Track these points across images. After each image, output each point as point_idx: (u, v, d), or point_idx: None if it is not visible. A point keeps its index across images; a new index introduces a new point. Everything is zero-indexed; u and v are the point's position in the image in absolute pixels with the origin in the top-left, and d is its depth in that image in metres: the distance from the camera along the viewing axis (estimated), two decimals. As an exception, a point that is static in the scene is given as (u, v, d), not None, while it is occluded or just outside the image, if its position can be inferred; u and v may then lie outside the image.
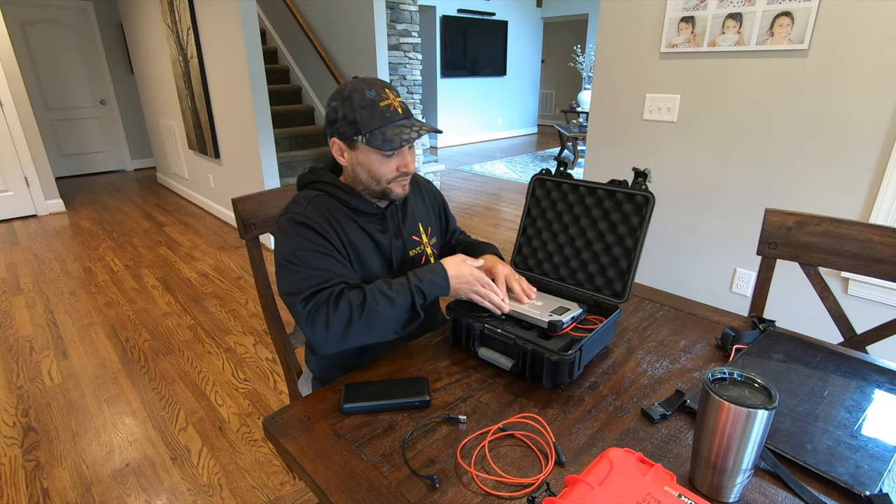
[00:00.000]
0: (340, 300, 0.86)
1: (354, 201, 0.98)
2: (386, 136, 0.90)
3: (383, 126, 0.91)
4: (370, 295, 0.87)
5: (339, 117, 0.92)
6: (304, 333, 0.87)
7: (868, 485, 0.61)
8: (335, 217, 0.96)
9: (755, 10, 1.63)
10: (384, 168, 0.95)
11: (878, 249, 1.03)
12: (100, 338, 2.42)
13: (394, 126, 0.91)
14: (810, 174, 1.67)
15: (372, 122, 0.90)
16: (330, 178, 0.99)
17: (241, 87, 3.26)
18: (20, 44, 5.17)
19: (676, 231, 2.05)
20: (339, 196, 0.98)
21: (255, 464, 1.63)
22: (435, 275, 0.92)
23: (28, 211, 4.38)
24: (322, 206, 0.95)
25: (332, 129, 0.94)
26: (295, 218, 0.92)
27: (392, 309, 0.87)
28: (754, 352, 0.91)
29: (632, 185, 1.01)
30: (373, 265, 1.01)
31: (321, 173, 1.01)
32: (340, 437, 0.73)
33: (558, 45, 9.81)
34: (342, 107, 0.91)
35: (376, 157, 0.93)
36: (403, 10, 4.28)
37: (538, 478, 0.65)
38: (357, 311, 0.85)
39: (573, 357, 0.81)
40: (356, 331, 0.85)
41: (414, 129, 0.92)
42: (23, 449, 1.71)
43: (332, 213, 0.96)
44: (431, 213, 1.18)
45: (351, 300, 0.86)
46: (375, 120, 0.90)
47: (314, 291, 0.86)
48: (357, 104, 0.90)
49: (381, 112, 0.91)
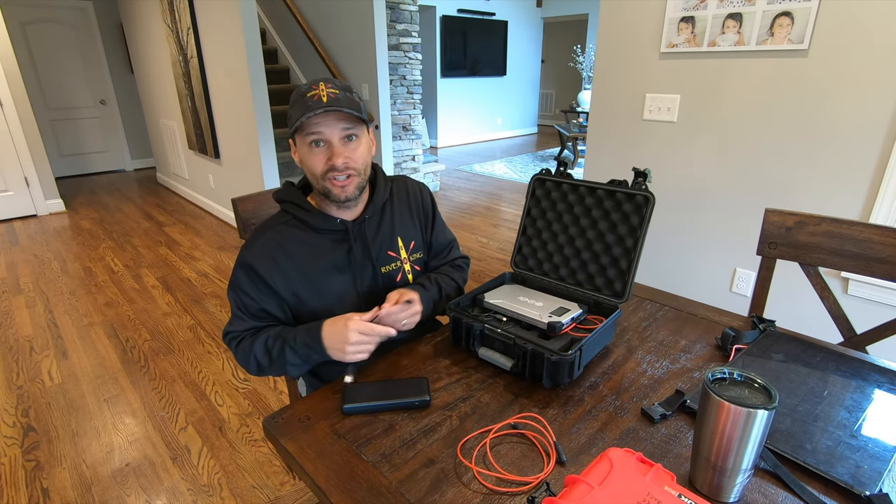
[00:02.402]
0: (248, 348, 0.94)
1: (315, 221, 0.97)
2: (295, 115, 0.89)
3: (302, 115, 0.88)
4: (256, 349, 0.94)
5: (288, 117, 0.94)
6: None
7: (868, 485, 0.61)
8: (286, 251, 0.96)
9: (755, 10, 1.63)
10: (314, 161, 0.92)
11: (878, 249, 1.03)
12: (100, 338, 2.42)
13: (311, 113, 0.88)
14: (810, 174, 1.67)
15: (295, 113, 0.89)
16: (295, 198, 0.98)
17: (241, 87, 3.26)
18: (20, 44, 5.17)
19: (676, 231, 2.05)
20: (303, 217, 0.97)
21: (255, 464, 1.63)
22: (309, 333, 0.90)
23: (28, 211, 4.38)
24: (273, 241, 0.96)
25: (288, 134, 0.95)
26: (240, 259, 0.96)
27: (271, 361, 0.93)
28: (754, 352, 0.91)
29: (632, 185, 1.01)
30: (335, 287, 0.99)
31: (291, 191, 1.00)
32: (340, 437, 0.73)
33: (558, 45, 9.81)
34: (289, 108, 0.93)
35: (306, 149, 0.92)
36: (403, 10, 4.28)
37: (538, 477, 0.65)
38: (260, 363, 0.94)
39: (573, 357, 0.81)
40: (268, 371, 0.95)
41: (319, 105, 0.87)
42: (23, 449, 1.71)
43: (283, 246, 0.96)
44: (418, 224, 1.11)
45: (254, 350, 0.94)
46: (298, 110, 0.89)
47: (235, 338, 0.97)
48: (292, 100, 0.92)
49: (305, 102, 0.89)
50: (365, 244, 1.01)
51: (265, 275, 0.95)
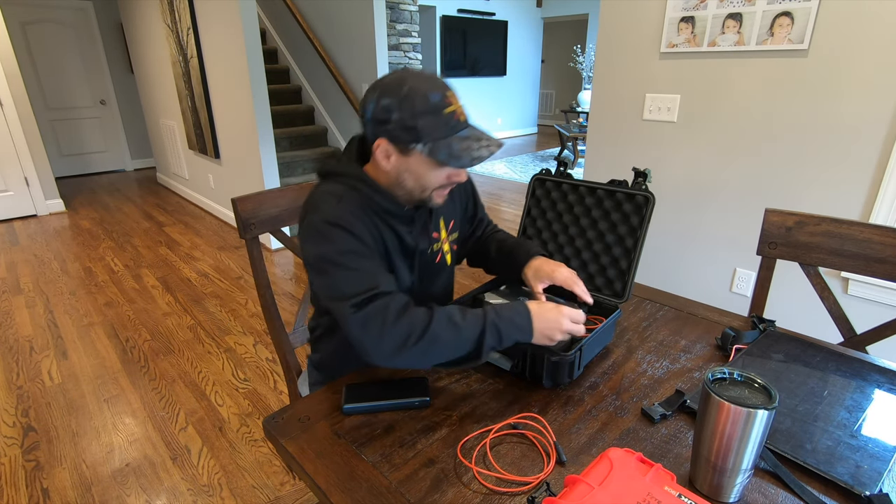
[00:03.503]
0: (402, 316, 0.78)
1: (383, 201, 0.89)
2: (452, 151, 0.80)
3: (449, 138, 0.81)
4: (437, 320, 0.78)
5: (392, 119, 0.80)
6: (353, 339, 0.79)
7: (868, 485, 0.61)
8: (368, 216, 0.87)
9: (755, 10, 1.63)
10: (436, 178, 0.86)
11: (878, 249, 1.03)
12: (100, 338, 2.42)
13: (460, 139, 0.81)
14: (810, 174, 1.67)
15: (436, 131, 0.80)
16: (358, 173, 0.89)
17: (241, 87, 3.26)
18: (20, 44, 5.17)
19: (676, 231, 2.05)
20: (368, 195, 0.88)
21: (255, 464, 1.63)
22: (515, 312, 0.82)
23: (28, 211, 4.38)
24: (353, 204, 0.86)
25: (381, 130, 0.83)
26: (329, 219, 0.83)
27: (456, 338, 0.79)
28: (754, 352, 0.91)
29: (632, 185, 1.01)
30: (397, 266, 0.93)
31: (346, 166, 0.91)
32: (340, 437, 0.73)
33: (558, 45, 9.81)
34: (398, 109, 0.79)
35: (431, 166, 0.84)
36: (403, 10, 4.29)
37: (538, 477, 0.65)
38: (417, 335, 0.77)
39: (573, 357, 0.81)
40: (410, 354, 0.77)
41: (483, 145, 0.81)
42: (23, 449, 1.71)
43: (364, 212, 0.87)
44: (458, 204, 1.08)
45: (414, 320, 0.78)
46: (440, 130, 0.80)
47: (367, 298, 0.78)
48: (419, 109, 0.79)
49: (446, 121, 0.80)
50: (425, 226, 0.97)
51: (363, 236, 0.84)
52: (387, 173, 0.88)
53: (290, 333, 1.22)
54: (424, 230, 0.96)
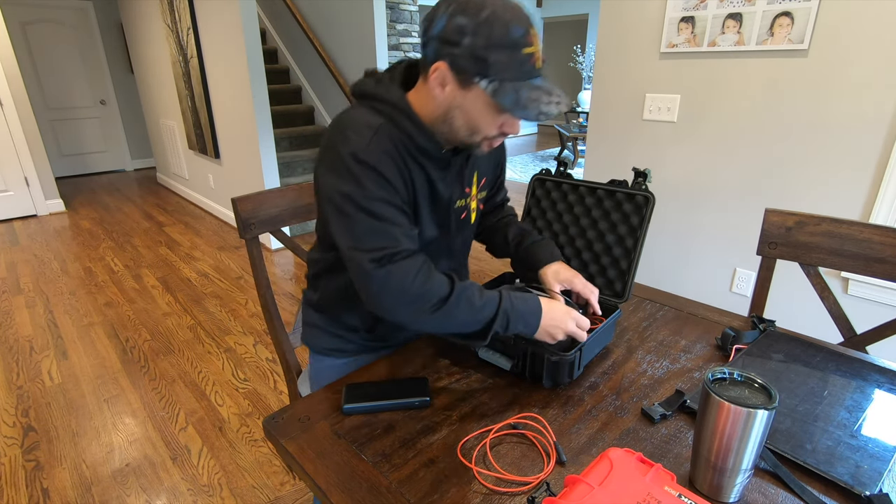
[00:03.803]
0: (424, 283, 0.74)
1: (422, 139, 0.79)
2: (520, 98, 0.71)
3: (519, 81, 0.71)
4: (455, 297, 0.76)
5: (462, 43, 0.69)
6: (365, 293, 0.75)
7: (868, 485, 0.61)
8: (402, 158, 0.79)
9: (755, 10, 1.63)
10: (490, 123, 0.77)
11: (878, 249, 1.03)
12: (100, 338, 2.42)
13: (531, 87, 0.71)
14: (810, 174, 1.67)
15: (508, 70, 0.70)
16: (399, 101, 0.79)
17: (241, 87, 3.26)
18: (20, 44, 5.17)
19: (676, 231, 2.05)
20: (407, 129, 0.79)
21: (255, 464, 1.63)
22: (527, 305, 0.81)
23: (28, 211, 4.38)
24: (388, 142, 0.77)
25: (445, 53, 0.72)
26: (359, 155, 0.74)
27: (469, 319, 0.77)
28: (754, 352, 0.91)
29: (632, 185, 1.01)
30: (424, 216, 0.86)
31: (389, 89, 0.80)
32: (340, 437, 0.73)
33: (558, 45, 9.81)
34: (473, 33, 0.69)
35: (482, 107, 0.74)
36: (403, 10, 4.28)
37: (538, 477, 0.65)
38: (433, 306, 0.75)
39: (573, 357, 0.81)
40: (422, 321, 0.76)
41: (553, 101, 0.72)
42: (23, 449, 1.71)
43: (398, 152, 0.78)
44: (492, 161, 1.01)
45: (434, 290, 0.75)
46: (512, 70, 0.70)
47: (389, 255, 0.74)
48: (496, 40, 0.68)
49: (521, 61, 0.70)
50: (459, 176, 0.88)
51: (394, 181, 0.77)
52: (435, 105, 0.78)
53: (289, 333, 1.22)
54: (458, 180, 0.89)
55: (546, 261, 1.00)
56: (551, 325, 0.82)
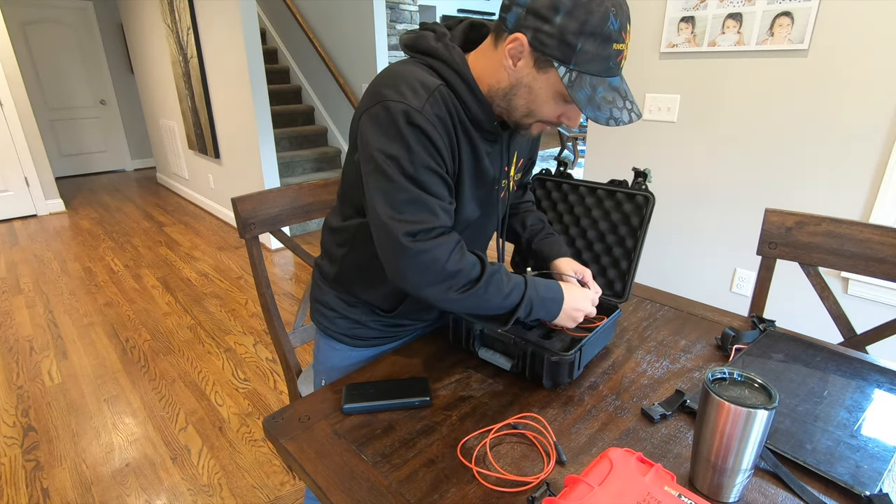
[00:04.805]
0: (457, 263, 0.72)
1: (477, 110, 0.74)
2: (595, 96, 0.67)
3: (599, 78, 0.67)
4: (485, 280, 0.74)
5: (553, 21, 0.64)
6: (393, 265, 0.72)
7: (868, 485, 0.61)
8: (453, 126, 0.73)
9: (755, 10, 1.63)
10: (552, 110, 0.73)
11: (878, 249, 1.03)
12: (100, 338, 2.42)
13: (609, 87, 0.68)
14: (811, 174, 1.67)
15: (592, 63, 0.65)
16: (461, 66, 0.73)
17: (241, 87, 3.27)
18: (20, 44, 5.17)
19: (676, 231, 2.05)
20: (463, 96, 0.73)
21: (255, 464, 1.63)
22: (551, 291, 0.81)
23: (28, 211, 4.38)
24: (442, 107, 0.71)
25: (529, 25, 0.65)
26: (412, 116, 0.68)
27: (496, 305, 0.76)
28: (754, 352, 0.91)
29: (632, 185, 1.01)
30: (466, 194, 0.80)
31: (451, 50, 0.74)
32: (340, 437, 0.73)
33: (558, 45, 9.79)
34: (568, 14, 0.63)
35: (552, 92, 0.70)
36: (403, 10, 4.28)
37: (538, 477, 0.65)
38: (462, 287, 0.73)
39: (573, 357, 0.81)
40: (449, 300, 0.74)
41: (627, 108, 0.69)
42: (23, 449, 1.71)
43: (451, 119, 0.73)
44: (530, 139, 0.96)
45: (465, 272, 0.72)
46: (597, 63, 0.66)
47: (425, 229, 0.70)
48: (591, 27, 0.63)
49: (608, 57, 0.66)
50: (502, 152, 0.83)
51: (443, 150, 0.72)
52: (500, 76, 0.72)
53: (290, 333, 1.22)
54: (501, 157, 0.84)
55: (563, 254, 1.00)
56: (573, 308, 0.84)
